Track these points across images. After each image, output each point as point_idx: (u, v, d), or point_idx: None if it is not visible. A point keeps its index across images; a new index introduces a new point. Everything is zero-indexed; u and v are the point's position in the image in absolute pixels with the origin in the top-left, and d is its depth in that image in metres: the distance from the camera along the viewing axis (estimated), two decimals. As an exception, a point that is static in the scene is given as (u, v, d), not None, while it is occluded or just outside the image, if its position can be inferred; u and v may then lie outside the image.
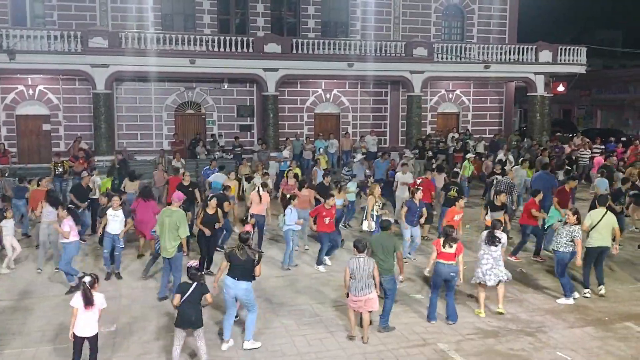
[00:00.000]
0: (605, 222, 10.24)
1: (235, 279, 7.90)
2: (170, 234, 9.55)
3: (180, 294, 7.30)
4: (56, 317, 9.07)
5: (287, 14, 25.62)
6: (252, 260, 7.93)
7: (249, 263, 7.91)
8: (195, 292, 7.31)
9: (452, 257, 8.88)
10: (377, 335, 8.57)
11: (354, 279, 8.09)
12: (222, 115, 24.56)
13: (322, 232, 11.51)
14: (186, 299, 7.25)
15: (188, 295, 7.26)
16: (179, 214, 9.71)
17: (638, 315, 9.44)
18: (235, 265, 7.91)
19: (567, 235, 9.86)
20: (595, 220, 10.27)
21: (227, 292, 7.99)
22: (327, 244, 11.58)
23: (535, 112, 25.93)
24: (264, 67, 22.45)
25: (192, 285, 7.33)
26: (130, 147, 22.94)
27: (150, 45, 21.18)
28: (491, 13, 27.19)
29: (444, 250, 8.89)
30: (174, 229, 9.55)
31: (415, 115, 24.47)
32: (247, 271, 7.93)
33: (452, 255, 8.87)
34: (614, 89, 36.26)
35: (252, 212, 12.44)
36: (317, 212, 11.63)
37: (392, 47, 23.95)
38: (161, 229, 9.67)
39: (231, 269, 7.96)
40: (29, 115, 22.57)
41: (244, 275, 7.91)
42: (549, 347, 8.27)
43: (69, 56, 20.40)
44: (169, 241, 9.57)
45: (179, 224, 9.56)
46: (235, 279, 7.89)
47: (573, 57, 25.40)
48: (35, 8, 22.75)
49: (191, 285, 7.33)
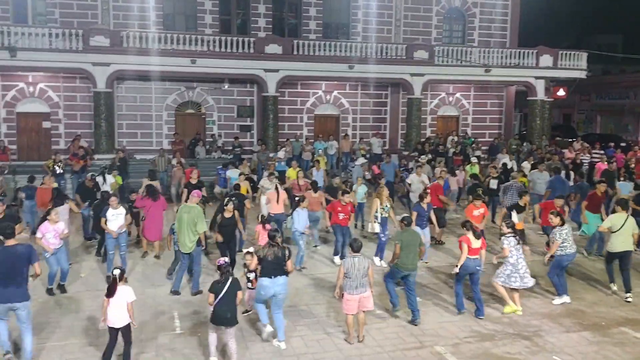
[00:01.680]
0: (627, 226, 10.40)
1: (271, 277, 8.09)
2: (189, 230, 9.89)
3: (215, 293, 7.41)
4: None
5: (289, 15, 25.65)
6: (283, 256, 8.17)
7: (281, 259, 8.15)
8: (230, 290, 7.43)
9: (477, 251, 9.28)
10: (373, 336, 8.60)
11: (349, 278, 8.17)
12: (222, 115, 24.58)
13: (335, 225, 11.91)
14: (222, 297, 7.36)
15: (224, 293, 7.37)
16: (196, 210, 10.05)
17: (634, 321, 9.46)
18: (268, 264, 8.11)
19: (559, 238, 9.96)
20: (617, 225, 10.41)
21: (266, 293, 8.14)
22: (341, 237, 11.87)
23: (535, 117, 25.98)
24: (264, 68, 22.48)
25: (226, 283, 7.43)
26: (130, 146, 22.94)
27: (152, 44, 21.20)
28: (492, 17, 27.25)
29: (474, 245, 9.22)
30: (193, 224, 9.88)
31: (415, 118, 24.50)
32: (280, 267, 8.16)
33: (478, 249, 9.28)
34: (613, 95, 36.31)
35: (272, 212, 12.52)
36: (333, 208, 11.97)
37: (393, 49, 23.99)
38: (180, 226, 9.95)
39: (264, 269, 8.14)
40: (29, 112, 22.58)
41: (277, 271, 8.14)
42: (546, 351, 8.29)
43: (70, 54, 20.43)
44: (188, 237, 9.90)
45: (197, 220, 9.90)
46: (272, 277, 8.09)
47: (573, 62, 25.46)
48: (37, 6, 22.77)
49: (225, 284, 7.43)
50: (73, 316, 9.26)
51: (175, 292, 10.14)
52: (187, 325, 8.93)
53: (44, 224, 9.94)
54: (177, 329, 8.82)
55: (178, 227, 10.01)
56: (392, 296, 9.33)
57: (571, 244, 10.03)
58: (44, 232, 9.76)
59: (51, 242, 9.74)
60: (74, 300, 9.93)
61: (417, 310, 9.12)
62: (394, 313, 9.32)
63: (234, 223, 10.94)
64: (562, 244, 9.93)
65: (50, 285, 10.14)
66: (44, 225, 9.87)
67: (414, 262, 9.13)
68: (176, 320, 9.11)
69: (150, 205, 11.86)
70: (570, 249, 10.01)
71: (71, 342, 8.32)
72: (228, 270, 7.63)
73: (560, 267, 10.04)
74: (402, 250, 9.01)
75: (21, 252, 7.49)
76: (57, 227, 9.86)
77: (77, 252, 12.67)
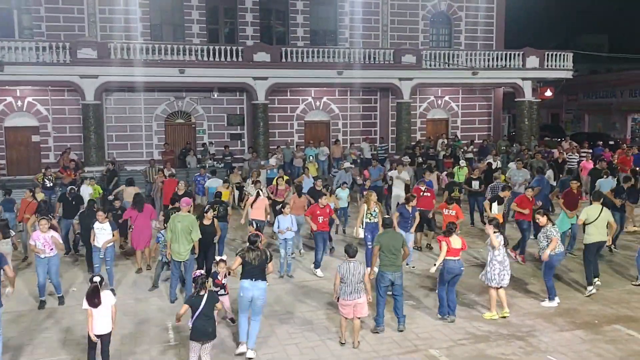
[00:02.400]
0: (602, 217, 10.64)
1: (252, 280, 8.10)
2: (183, 238, 9.97)
3: (192, 307, 7.31)
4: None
5: (276, 23, 25.73)
6: (265, 260, 8.21)
7: (262, 262, 8.17)
8: (208, 303, 7.34)
9: (458, 252, 9.26)
10: (368, 341, 8.61)
11: (344, 283, 8.19)
12: (212, 124, 24.58)
13: (316, 232, 11.85)
14: (201, 311, 7.24)
15: (202, 307, 7.25)
16: (190, 219, 10.15)
17: (627, 318, 9.53)
18: (249, 266, 8.13)
19: (546, 238, 9.98)
20: (592, 217, 10.63)
21: (245, 295, 8.11)
22: (321, 244, 11.82)
23: (524, 117, 26.15)
24: (253, 76, 22.52)
25: (203, 297, 7.33)
26: (120, 158, 22.88)
27: (140, 55, 21.19)
28: (478, 20, 27.43)
29: (454, 247, 9.17)
30: (187, 233, 9.98)
31: (404, 121, 24.61)
32: (261, 271, 8.18)
33: (459, 250, 9.26)
34: (600, 93, 36.67)
35: (252, 217, 12.54)
36: (312, 212, 11.93)
37: (381, 54, 24.11)
38: (173, 235, 9.99)
39: (246, 271, 8.16)
40: (18, 127, 22.48)
41: (259, 275, 8.15)
42: (540, 351, 8.33)
43: (57, 67, 20.38)
44: (182, 245, 10.00)
45: (192, 228, 10.02)
46: (252, 280, 8.10)
47: (560, 62, 25.67)
48: (23, 19, 22.72)
49: (202, 298, 7.32)
50: (63, 329, 9.18)
51: (174, 300, 10.21)
52: (180, 336, 8.89)
53: (35, 232, 10.10)
54: (170, 341, 8.78)
55: (171, 236, 10.00)
56: (378, 314, 8.94)
57: (560, 243, 10.09)
58: (35, 239, 9.94)
59: (41, 248, 9.88)
60: (64, 314, 9.85)
61: (403, 316, 8.99)
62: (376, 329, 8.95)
63: (213, 231, 10.98)
64: (548, 244, 9.92)
65: (42, 297, 10.11)
66: (35, 233, 10.04)
67: (395, 262, 8.87)
68: (170, 332, 9.07)
69: (137, 216, 11.85)
70: (560, 248, 10.08)
71: (61, 357, 8.24)
72: (204, 282, 7.49)
73: (552, 267, 10.08)
74: (381, 252, 8.91)
75: None
76: (47, 236, 9.90)
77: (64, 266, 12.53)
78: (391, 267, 8.87)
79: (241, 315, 8.26)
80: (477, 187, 15.53)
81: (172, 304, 10.14)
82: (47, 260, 9.90)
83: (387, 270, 8.88)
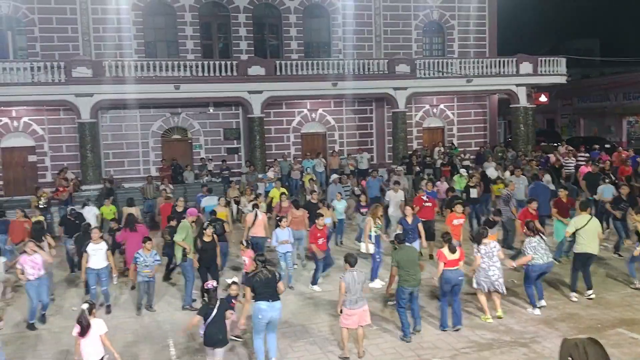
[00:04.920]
0: (590, 227, 10.47)
1: (269, 301, 8.01)
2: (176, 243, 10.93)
3: (203, 316, 7.46)
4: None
5: (270, 36, 25.85)
6: (275, 279, 8.15)
7: (273, 282, 8.12)
8: (220, 311, 7.48)
9: (456, 263, 9.26)
10: (371, 353, 8.56)
11: (349, 292, 8.18)
12: (208, 139, 24.59)
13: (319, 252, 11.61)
14: (212, 319, 7.41)
15: (214, 315, 7.42)
16: (181, 224, 11.02)
17: (630, 321, 9.50)
18: (263, 288, 8.03)
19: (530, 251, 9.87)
20: (580, 226, 10.49)
21: (263, 317, 8.00)
22: (321, 264, 11.65)
23: (520, 123, 26.21)
24: (248, 90, 22.56)
25: (214, 305, 7.48)
26: (117, 175, 22.80)
27: (134, 72, 21.22)
28: (470, 28, 27.58)
29: (450, 258, 9.18)
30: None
31: (400, 131, 24.65)
32: (274, 291, 8.12)
33: (457, 261, 9.25)
34: (594, 97, 36.79)
35: (252, 234, 12.46)
36: (313, 235, 11.61)
37: (375, 65, 24.20)
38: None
39: (260, 294, 8.02)
40: (14, 147, 22.46)
41: (273, 295, 8.09)
42: (543, 357, 8.29)
43: (52, 87, 20.40)
44: (177, 250, 10.87)
45: (179, 230, 10.87)
46: (269, 301, 8.02)
47: (553, 67, 25.79)
48: (17, 40, 22.78)
49: (214, 306, 7.47)
50: (56, 350, 9.08)
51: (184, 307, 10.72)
52: (182, 353, 8.84)
53: (21, 256, 10.04)
54: (172, 358, 8.72)
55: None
56: (405, 326, 9.00)
57: (541, 255, 9.80)
58: (22, 263, 9.87)
59: (29, 272, 9.82)
60: (56, 335, 9.76)
61: (419, 317, 9.19)
62: (404, 339, 8.99)
63: (214, 247, 10.99)
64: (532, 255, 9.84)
65: (32, 320, 10.03)
66: (22, 257, 9.97)
67: (416, 277, 9.01)
68: (171, 348, 9.01)
69: (129, 236, 11.88)
70: (539, 260, 9.79)
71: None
72: (216, 293, 7.68)
73: (529, 277, 9.98)
74: (401, 269, 8.93)
75: None
76: (34, 258, 9.87)
77: (61, 286, 12.52)
78: (413, 282, 8.99)
79: (257, 337, 8.12)
80: (475, 195, 15.58)
81: (173, 320, 10.08)
82: (38, 282, 9.86)
83: (408, 285, 8.97)
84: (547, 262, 9.88)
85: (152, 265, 10.44)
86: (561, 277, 11.46)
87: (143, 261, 10.37)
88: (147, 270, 10.37)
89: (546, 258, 9.86)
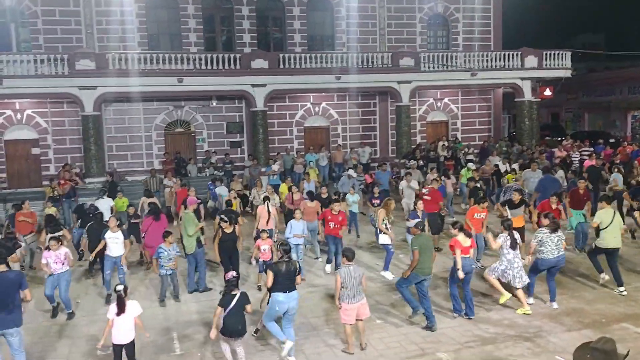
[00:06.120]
0: (615, 222, 10.52)
1: (286, 292, 8.05)
2: (185, 233, 11.25)
3: (223, 307, 7.53)
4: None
5: (273, 29, 25.75)
6: (295, 270, 8.20)
7: (292, 273, 8.16)
8: (239, 303, 7.56)
9: (468, 250, 9.33)
10: (375, 346, 8.54)
11: (345, 287, 8.14)
12: (211, 132, 24.56)
13: (328, 235, 12.09)
14: (231, 309, 7.51)
15: (233, 306, 7.53)
16: (187, 216, 11.41)
17: (634, 316, 9.46)
18: (282, 279, 8.06)
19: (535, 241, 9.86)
20: (606, 221, 10.51)
21: (281, 308, 8.04)
22: (333, 246, 12.02)
23: (524, 117, 26.10)
24: (251, 83, 22.51)
25: (235, 296, 7.57)
26: (121, 168, 22.86)
27: (138, 65, 21.18)
28: (475, 21, 27.43)
29: (465, 245, 9.27)
30: (184, 229, 11.23)
31: (404, 125, 24.57)
32: (292, 282, 8.16)
33: (468, 248, 9.34)
34: (599, 92, 36.59)
35: (263, 227, 12.49)
36: (324, 216, 12.15)
37: (379, 58, 24.10)
38: (182, 231, 11.50)
39: (278, 283, 8.05)
40: (17, 139, 22.47)
41: (290, 286, 8.12)
42: (548, 352, 8.26)
43: (56, 79, 20.38)
44: (185, 239, 11.20)
45: (186, 225, 11.20)
46: (287, 292, 8.05)
47: (558, 61, 25.66)
48: (21, 33, 22.74)
49: (234, 297, 7.55)
50: (69, 342, 9.14)
51: (191, 292, 11.07)
52: (186, 346, 8.84)
53: (45, 251, 10.10)
54: (176, 350, 8.72)
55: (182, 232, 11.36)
56: (410, 301, 9.22)
57: (551, 249, 9.68)
58: (46, 257, 9.94)
59: (52, 267, 9.87)
60: (70, 326, 9.82)
61: (433, 315, 9.13)
62: (413, 317, 9.21)
63: (235, 238, 11.07)
64: (539, 248, 9.78)
65: (53, 303, 10.14)
66: (46, 252, 10.04)
67: (430, 266, 9.17)
68: (175, 341, 9.01)
69: (151, 224, 11.97)
70: (549, 254, 9.69)
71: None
72: (236, 284, 7.79)
73: (536, 270, 9.95)
74: (420, 254, 8.98)
75: (12, 279, 7.47)
76: (59, 253, 9.92)
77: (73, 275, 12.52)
78: (427, 270, 9.08)
79: (270, 322, 8.19)
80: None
81: (178, 312, 10.13)
82: (58, 277, 9.90)
83: (422, 273, 9.05)
84: (556, 256, 9.77)
85: (174, 258, 10.58)
86: (565, 271, 11.40)
87: (167, 255, 10.48)
88: (170, 264, 10.49)
89: (556, 253, 9.75)
